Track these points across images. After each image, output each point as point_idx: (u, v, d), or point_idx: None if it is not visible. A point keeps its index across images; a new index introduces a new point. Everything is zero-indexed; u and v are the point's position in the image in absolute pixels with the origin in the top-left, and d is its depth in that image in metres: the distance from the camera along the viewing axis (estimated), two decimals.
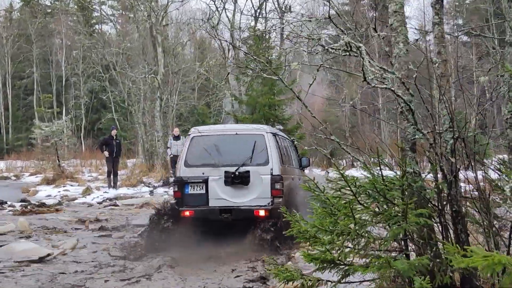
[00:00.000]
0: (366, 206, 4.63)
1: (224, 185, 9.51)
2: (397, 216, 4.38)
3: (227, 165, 9.55)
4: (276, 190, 9.47)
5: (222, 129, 10.19)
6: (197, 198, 9.55)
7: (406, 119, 5.03)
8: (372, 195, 4.67)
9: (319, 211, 4.76)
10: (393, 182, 4.69)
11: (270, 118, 20.64)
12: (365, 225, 4.60)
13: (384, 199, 4.60)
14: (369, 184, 4.55)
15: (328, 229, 4.70)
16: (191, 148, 9.87)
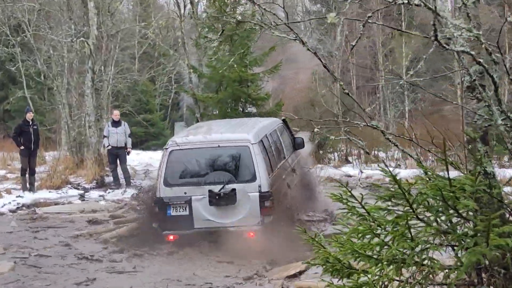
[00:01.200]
0: (427, 223, 4.22)
1: (209, 205, 10.80)
2: (476, 237, 3.97)
3: (210, 183, 10.84)
4: (265, 208, 10.73)
5: (202, 141, 11.29)
6: (181, 220, 10.91)
7: (476, 97, 4.64)
8: (434, 206, 4.27)
9: (359, 229, 4.33)
10: (462, 187, 4.29)
11: (241, 97, 20.20)
12: (426, 248, 4.20)
13: (453, 211, 4.20)
14: (432, 190, 4.13)
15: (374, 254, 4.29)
16: (170, 164, 11.13)
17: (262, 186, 10.86)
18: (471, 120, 4.71)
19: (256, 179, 10.87)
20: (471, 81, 4.60)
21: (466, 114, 4.74)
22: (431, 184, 4.12)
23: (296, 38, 4.52)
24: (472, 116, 4.69)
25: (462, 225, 4.36)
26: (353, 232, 4.51)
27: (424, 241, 4.16)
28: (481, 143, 4.64)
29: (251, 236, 10.75)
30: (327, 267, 4.54)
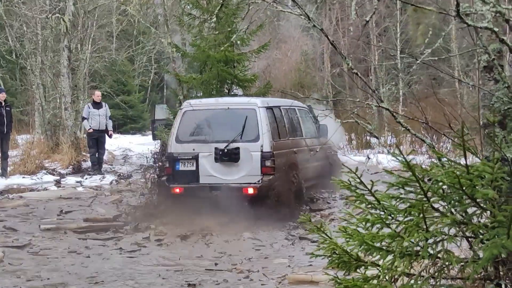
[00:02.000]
0: (443, 213, 4.13)
1: (214, 162, 12.12)
2: (498, 228, 3.88)
3: (217, 141, 12.16)
4: (266, 167, 11.96)
5: (214, 103, 12.91)
6: (188, 175, 12.26)
7: (494, 78, 4.54)
8: (449, 195, 4.17)
9: (369, 219, 4.23)
10: (480, 175, 4.19)
11: (227, 78, 20.01)
12: (442, 240, 4.10)
13: (471, 201, 4.10)
14: (448, 178, 4.03)
15: (385, 247, 4.19)
16: (182, 123, 12.57)
17: (264, 146, 12.03)
18: (488, 102, 4.62)
19: (259, 139, 12.06)
20: (489, 60, 4.50)
21: (483, 96, 4.65)
22: (448, 171, 4.02)
23: (302, 13, 4.39)
24: (490, 98, 4.60)
25: (479, 215, 4.27)
26: (361, 222, 4.41)
27: (440, 232, 4.06)
28: (499, 127, 4.55)
29: (249, 193, 11.86)
30: (334, 259, 4.44)
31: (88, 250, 10.16)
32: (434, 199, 4.17)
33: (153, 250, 10.25)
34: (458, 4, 3.60)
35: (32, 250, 10.13)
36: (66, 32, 21.80)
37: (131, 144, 29.24)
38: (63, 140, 22.32)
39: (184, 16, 21.24)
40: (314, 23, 4.39)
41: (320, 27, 4.35)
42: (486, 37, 4.39)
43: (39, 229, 11.62)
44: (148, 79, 41.77)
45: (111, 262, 9.32)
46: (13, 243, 10.45)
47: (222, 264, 9.28)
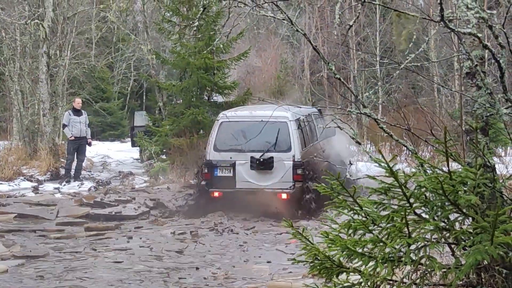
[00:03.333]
0: (425, 219, 4.10)
1: (249, 169, 13.63)
2: (481, 234, 3.86)
3: (252, 151, 13.60)
4: (297, 175, 13.48)
5: (248, 115, 14.03)
6: (226, 180, 13.78)
7: (476, 85, 4.53)
8: (432, 201, 4.15)
9: (353, 225, 4.19)
10: (463, 181, 4.18)
11: (207, 85, 20.00)
12: (424, 246, 4.08)
13: (453, 207, 4.08)
14: (432, 183, 4.00)
15: (368, 252, 4.15)
16: (219, 133, 13.97)
17: (296, 156, 13.55)
18: (470, 109, 4.61)
19: (291, 150, 13.56)
20: (471, 66, 4.49)
21: (465, 102, 4.63)
22: (431, 177, 3.99)
23: (285, 18, 4.36)
24: (472, 104, 4.59)
25: (461, 221, 4.25)
26: (344, 227, 4.38)
27: (422, 238, 4.03)
28: (481, 134, 4.54)
29: (283, 198, 13.45)
30: (315, 265, 4.40)
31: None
32: (417, 205, 4.15)
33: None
34: (442, 9, 3.58)
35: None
36: (45, 38, 21.61)
37: (110, 151, 29.02)
38: (41, 147, 22.08)
39: (164, 23, 21.18)
40: (297, 28, 4.36)
41: (303, 32, 4.33)
42: (468, 43, 4.38)
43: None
44: (127, 86, 41.55)
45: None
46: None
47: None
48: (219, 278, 8.90)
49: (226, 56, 21.04)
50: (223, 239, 11.58)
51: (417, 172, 4.20)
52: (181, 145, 19.09)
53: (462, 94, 4.48)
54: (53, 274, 9.06)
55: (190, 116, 19.13)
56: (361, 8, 4.46)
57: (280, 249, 10.70)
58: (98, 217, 13.64)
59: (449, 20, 4.09)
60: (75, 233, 12.09)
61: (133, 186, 18.38)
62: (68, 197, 16.29)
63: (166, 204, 14.90)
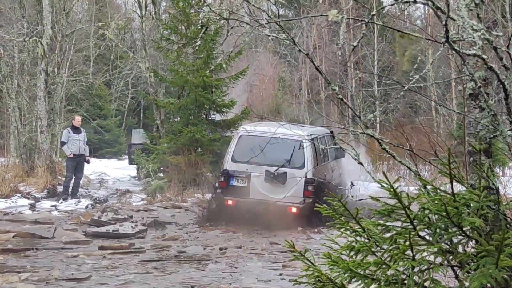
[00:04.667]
0: (429, 241, 4.06)
1: (264, 181, 14.42)
2: (486, 257, 3.82)
3: (268, 165, 14.39)
4: (308, 191, 14.26)
5: (266, 131, 14.22)
6: (240, 190, 14.59)
7: (479, 106, 4.50)
8: (436, 223, 4.11)
9: (356, 247, 4.15)
10: (466, 203, 4.14)
11: (205, 104, 20.01)
12: (428, 269, 4.03)
13: (457, 229, 4.04)
14: (435, 205, 3.97)
15: (370, 275, 4.10)
16: (238, 145, 14.83)
17: (308, 173, 14.27)
18: (473, 130, 4.57)
19: (304, 167, 14.33)
20: (474, 88, 4.47)
21: (468, 123, 4.60)
22: (435, 199, 3.96)
23: (287, 38, 4.33)
24: (475, 126, 4.55)
25: (465, 244, 4.21)
26: (346, 249, 4.33)
27: (426, 261, 3.99)
28: (484, 156, 4.50)
29: (293, 211, 14.27)
30: (317, 287, 4.34)
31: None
32: (420, 228, 4.11)
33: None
34: (447, 31, 3.56)
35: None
36: (43, 56, 21.62)
37: (107, 168, 29.00)
38: (39, 164, 22.02)
39: (162, 41, 21.20)
40: (299, 48, 4.34)
41: (305, 52, 4.30)
42: (471, 64, 4.36)
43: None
44: (124, 103, 41.57)
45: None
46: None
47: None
48: None
49: (224, 74, 21.05)
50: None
51: (420, 194, 4.15)
52: (179, 163, 19.06)
53: (465, 115, 4.44)
54: None
55: (188, 134, 19.11)
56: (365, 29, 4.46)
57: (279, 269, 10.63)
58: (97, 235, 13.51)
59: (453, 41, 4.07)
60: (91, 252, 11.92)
61: (131, 203, 18.30)
62: (65, 215, 16.20)
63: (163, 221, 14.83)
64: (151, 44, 24.20)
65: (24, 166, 23.00)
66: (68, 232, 13.83)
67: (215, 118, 20.73)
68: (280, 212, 14.20)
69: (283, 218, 14.15)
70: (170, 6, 27.61)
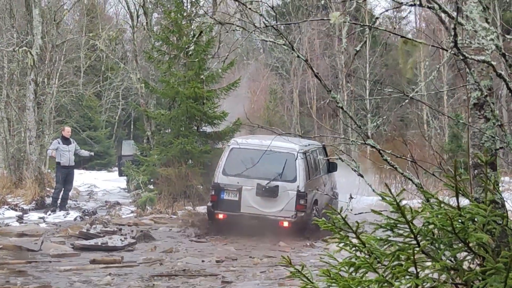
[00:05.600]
0: (434, 258, 3.85)
1: (255, 195, 14.26)
2: (494, 275, 3.61)
3: (259, 178, 14.22)
4: (300, 205, 14.12)
5: (258, 144, 14.14)
6: (231, 204, 14.44)
7: (484, 116, 4.32)
8: (440, 239, 3.90)
9: (357, 263, 3.93)
10: (472, 217, 3.93)
11: (196, 115, 19.80)
12: (434, 287, 3.82)
13: (463, 245, 3.83)
14: (441, 220, 3.76)
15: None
16: (229, 158, 14.71)
17: (300, 187, 14.18)
18: (478, 141, 4.39)
19: (296, 180, 14.22)
20: (479, 97, 4.28)
21: (473, 135, 4.41)
22: (441, 213, 3.75)
23: (285, 43, 4.14)
24: (480, 137, 4.36)
25: (470, 261, 4.00)
26: (345, 265, 4.12)
27: (430, 279, 3.78)
28: (489, 168, 4.30)
29: (284, 225, 14.13)
30: None
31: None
32: (424, 243, 3.90)
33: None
34: (455, 35, 3.37)
35: None
36: (33, 66, 21.37)
37: (97, 180, 28.72)
38: (27, 175, 21.73)
39: (154, 52, 21.01)
40: (297, 54, 4.15)
41: (304, 58, 4.11)
42: (477, 72, 4.18)
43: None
44: (115, 115, 41.31)
45: None
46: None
47: None
48: None
49: (216, 86, 20.87)
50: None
51: (425, 207, 3.94)
52: (169, 175, 18.83)
53: (470, 126, 4.25)
54: None
55: (179, 145, 18.90)
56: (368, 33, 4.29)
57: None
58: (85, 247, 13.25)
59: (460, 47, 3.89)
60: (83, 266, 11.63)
61: (120, 216, 18.03)
62: (53, 227, 15.92)
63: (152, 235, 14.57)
64: (142, 55, 24.01)
65: (12, 177, 22.74)
66: (55, 244, 13.58)
67: (206, 129, 20.52)
68: (272, 226, 14.14)
69: (275, 232, 14.07)
70: (162, 17, 27.48)
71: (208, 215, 15.18)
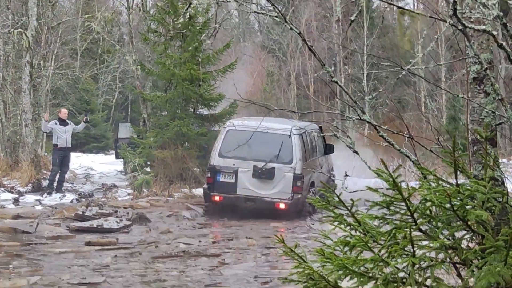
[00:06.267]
0: (431, 236, 3.71)
1: (251, 177, 14.26)
2: (494, 254, 3.47)
3: (255, 160, 14.27)
4: (297, 187, 14.11)
5: (254, 126, 13.57)
6: (227, 186, 14.44)
7: (484, 91, 4.16)
8: (438, 216, 3.76)
9: (351, 242, 3.79)
10: (471, 195, 3.79)
11: (192, 97, 19.59)
12: (430, 266, 3.68)
13: (462, 223, 3.69)
14: (439, 197, 3.61)
15: (366, 272, 3.75)
16: (225, 140, 14.64)
17: (297, 169, 14.15)
18: (477, 117, 4.24)
19: (293, 162, 14.19)
20: (479, 71, 4.13)
21: (472, 110, 4.26)
22: (439, 190, 3.60)
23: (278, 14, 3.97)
24: (479, 112, 4.21)
25: (469, 240, 3.87)
26: (340, 244, 3.98)
27: (428, 258, 3.64)
28: (489, 144, 4.15)
29: (281, 208, 14.08)
30: (309, 285, 3.99)
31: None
32: (421, 221, 3.76)
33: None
34: (455, 2, 3.21)
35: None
36: (28, 48, 21.16)
37: (94, 163, 28.54)
38: (23, 158, 21.58)
39: (149, 33, 20.78)
40: (291, 26, 3.98)
41: (298, 31, 3.94)
42: (477, 45, 4.02)
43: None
44: (112, 98, 41.06)
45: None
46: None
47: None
48: None
49: (212, 68, 20.66)
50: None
51: (422, 184, 3.79)
52: (165, 158, 18.65)
53: (469, 101, 4.10)
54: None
55: (175, 128, 18.70)
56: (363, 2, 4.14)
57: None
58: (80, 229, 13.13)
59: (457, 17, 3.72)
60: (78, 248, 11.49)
61: (116, 198, 17.89)
62: (49, 210, 15.79)
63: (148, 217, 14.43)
64: (138, 37, 23.76)
65: (8, 160, 22.57)
66: (51, 227, 13.47)
67: (202, 112, 20.31)
68: (268, 208, 14.17)
69: (271, 214, 14.10)
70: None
71: (204, 197, 15.12)
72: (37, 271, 9.67)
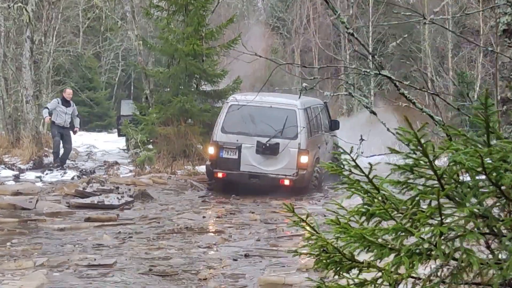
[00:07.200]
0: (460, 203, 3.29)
1: (255, 153, 13.89)
2: None
3: (259, 135, 13.89)
4: (301, 163, 13.75)
5: (258, 100, 13.45)
6: (230, 162, 14.07)
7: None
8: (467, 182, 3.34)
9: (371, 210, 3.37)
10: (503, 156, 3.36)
11: (195, 73, 19.19)
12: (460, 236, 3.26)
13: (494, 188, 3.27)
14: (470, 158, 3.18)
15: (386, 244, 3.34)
16: (228, 115, 14.28)
17: (301, 144, 13.80)
18: (508, 73, 3.81)
19: (298, 138, 13.77)
20: (509, 22, 3.69)
21: (502, 65, 3.83)
22: (471, 150, 3.17)
23: None
24: (510, 68, 3.78)
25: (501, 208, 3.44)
26: (356, 214, 3.56)
27: (458, 227, 3.22)
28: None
29: (286, 184, 13.79)
30: (323, 258, 3.58)
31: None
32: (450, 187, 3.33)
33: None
34: None
35: None
36: (28, 23, 20.78)
37: (96, 141, 28.19)
38: (24, 135, 21.28)
39: (151, 8, 20.35)
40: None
41: None
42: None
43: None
44: (115, 76, 40.67)
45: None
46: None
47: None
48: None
49: (217, 42, 20.24)
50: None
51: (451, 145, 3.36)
52: (168, 134, 18.31)
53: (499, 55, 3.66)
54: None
55: (178, 104, 18.33)
56: None
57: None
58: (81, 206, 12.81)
59: None
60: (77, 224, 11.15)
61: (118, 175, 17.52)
62: (49, 186, 15.46)
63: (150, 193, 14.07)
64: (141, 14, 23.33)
65: (10, 137, 22.29)
66: (50, 203, 13.18)
67: (206, 88, 19.91)
68: (272, 185, 13.90)
69: (275, 191, 13.83)
70: None
71: (207, 174, 14.87)
72: (35, 249, 9.33)
